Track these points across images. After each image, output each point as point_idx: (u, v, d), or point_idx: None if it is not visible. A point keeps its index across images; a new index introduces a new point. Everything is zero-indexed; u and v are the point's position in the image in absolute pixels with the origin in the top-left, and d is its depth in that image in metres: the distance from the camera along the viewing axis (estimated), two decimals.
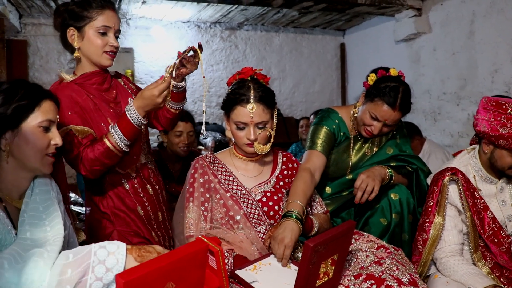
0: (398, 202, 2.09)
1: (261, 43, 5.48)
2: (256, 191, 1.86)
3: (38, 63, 4.53)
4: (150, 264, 1.11)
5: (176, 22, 5.00)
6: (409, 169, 2.24)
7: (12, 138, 1.29)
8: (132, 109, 1.65)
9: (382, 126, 2.07)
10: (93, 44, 1.72)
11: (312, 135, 2.21)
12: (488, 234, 1.85)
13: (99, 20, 1.71)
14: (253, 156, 1.91)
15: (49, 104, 1.36)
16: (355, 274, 1.58)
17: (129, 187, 1.87)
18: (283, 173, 1.95)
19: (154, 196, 1.96)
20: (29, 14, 4.40)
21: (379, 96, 2.04)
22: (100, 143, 1.66)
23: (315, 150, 2.13)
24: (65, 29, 1.74)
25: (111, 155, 1.67)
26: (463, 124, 3.88)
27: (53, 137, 1.36)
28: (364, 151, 2.29)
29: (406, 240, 2.11)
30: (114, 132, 1.66)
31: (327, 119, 2.24)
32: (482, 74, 3.64)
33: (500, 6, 3.43)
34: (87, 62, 1.78)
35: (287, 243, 1.60)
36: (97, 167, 1.68)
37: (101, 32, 1.72)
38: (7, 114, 1.26)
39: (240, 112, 1.77)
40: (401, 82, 2.08)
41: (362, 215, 2.18)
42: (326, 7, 4.11)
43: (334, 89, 5.84)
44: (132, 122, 1.65)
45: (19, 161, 1.32)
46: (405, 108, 2.06)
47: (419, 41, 4.36)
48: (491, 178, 1.95)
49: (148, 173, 1.95)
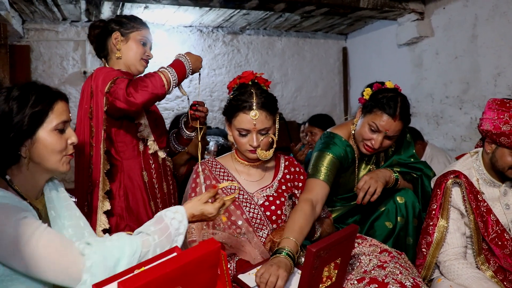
0: (404, 206, 2.08)
1: (263, 47, 5.48)
2: (259, 196, 1.86)
3: (41, 68, 4.54)
4: (156, 270, 1.06)
5: (178, 26, 5.01)
6: (414, 176, 2.22)
7: (31, 145, 1.31)
8: (187, 59, 1.95)
9: (382, 138, 2.00)
10: (135, 49, 2.03)
11: (316, 161, 2.09)
12: (492, 237, 1.84)
13: (143, 32, 2.06)
14: (255, 162, 1.90)
15: (62, 105, 1.38)
16: (358, 278, 1.57)
17: (148, 179, 1.95)
18: (285, 177, 1.95)
19: (167, 195, 2.05)
20: (32, 19, 4.42)
21: (378, 106, 1.99)
22: (152, 73, 1.87)
23: (319, 180, 2.00)
24: (108, 34, 2.02)
25: (159, 83, 1.83)
26: (466, 128, 3.86)
27: (69, 137, 1.40)
28: (370, 166, 2.27)
29: (411, 244, 2.10)
30: (169, 70, 1.90)
31: (334, 146, 2.13)
32: (485, 78, 3.63)
33: (502, 9, 3.42)
34: (123, 64, 2.03)
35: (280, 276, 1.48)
36: (145, 88, 1.80)
37: (142, 42, 2.04)
38: (23, 125, 1.29)
39: (243, 119, 1.76)
40: (399, 93, 2.04)
41: (368, 219, 2.17)
42: (328, 11, 4.11)
43: (337, 93, 5.84)
44: (185, 67, 1.94)
45: (38, 164, 1.35)
46: (405, 117, 2.01)
47: (421, 45, 4.36)
48: (494, 182, 1.95)
49: (166, 170, 2.06)
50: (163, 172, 2.03)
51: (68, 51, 4.63)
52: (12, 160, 1.32)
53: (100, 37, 2.05)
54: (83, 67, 4.70)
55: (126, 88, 1.76)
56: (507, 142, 1.79)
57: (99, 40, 2.06)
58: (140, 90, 1.77)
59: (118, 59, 2.01)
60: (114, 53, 2.01)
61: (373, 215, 2.14)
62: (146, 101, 1.80)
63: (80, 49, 4.68)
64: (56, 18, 4.43)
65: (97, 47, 2.09)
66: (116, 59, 2.02)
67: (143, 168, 1.95)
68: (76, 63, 4.68)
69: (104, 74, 1.85)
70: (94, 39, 2.08)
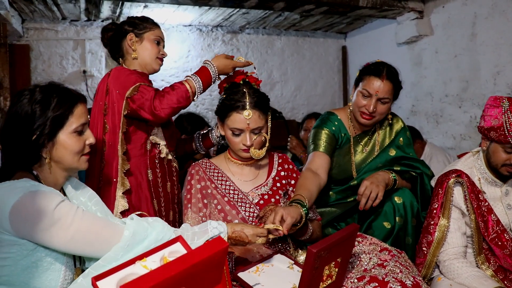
0: (402, 206, 2.08)
1: (262, 46, 5.48)
2: (253, 195, 1.87)
3: (41, 67, 4.54)
4: (163, 272, 1.04)
5: (177, 25, 5.01)
6: (413, 174, 2.23)
7: (51, 147, 1.40)
8: (212, 64, 1.96)
9: (375, 102, 2.09)
10: (150, 49, 2.06)
11: (313, 138, 2.21)
12: (492, 237, 1.84)
13: (156, 31, 2.11)
14: (248, 161, 1.91)
15: (81, 108, 1.46)
16: (358, 277, 1.57)
17: (152, 178, 1.98)
18: (279, 174, 1.95)
19: (171, 194, 2.05)
20: (32, 18, 4.42)
21: (366, 73, 2.14)
22: (177, 84, 1.89)
23: (317, 151, 2.13)
24: (123, 36, 2.06)
25: (186, 96, 1.86)
26: (465, 127, 3.86)
27: (87, 138, 1.48)
28: (366, 151, 2.28)
29: (410, 243, 2.10)
30: (194, 77, 1.92)
31: (327, 122, 2.25)
32: (484, 76, 3.63)
33: (502, 8, 3.42)
34: (138, 64, 2.06)
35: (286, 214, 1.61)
36: (172, 103, 1.84)
37: (156, 41, 2.09)
38: (46, 127, 1.37)
39: (236, 119, 1.78)
40: (386, 63, 2.19)
41: (366, 219, 2.17)
42: (327, 10, 4.11)
43: (336, 92, 5.84)
44: (211, 74, 1.95)
45: (58, 164, 1.43)
46: (393, 78, 2.11)
47: (421, 43, 4.36)
48: (496, 181, 1.95)
49: (171, 171, 2.08)
50: (168, 171, 2.04)
51: (67, 50, 4.63)
52: (34, 160, 1.40)
53: (114, 39, 2.09)
54: (82, 66, 4.69)
55: (153, 101, 1.81)
56: (495, 136, 1.82)
57: (113, 43, 2.10)
58: (166, 104, 1.82)
59: (134, 60, 2.05)
60: (130, 54, 2.05)
61: (371, 216, 2.14)
62: (172, 114, 1.88)
63: (79, 48, 4.68)
64: (55, 17, 4.43)
65: (112, 49, 2.13)
66: (132, 60, 2.06)
67: (148, 167, 1.96)
68: (76, 62, 4.68)
69: (123, 77, 1.91)
70: (108, 42, 2.12)
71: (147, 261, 1.26)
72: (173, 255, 1.29)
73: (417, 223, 2.11)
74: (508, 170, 1.87)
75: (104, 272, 1.19)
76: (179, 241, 1.31)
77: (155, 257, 1.28)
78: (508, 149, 1.83)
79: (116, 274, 1.20)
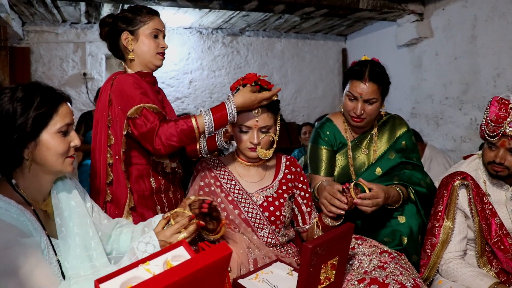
0: (406, 226, 2.04)
1: (263, 49, 5.49)
2: (258, 196, 1.86)
3: (41, 70, 4.55)
4: (165, 278, 1.01)
5: (178, 28, 5.02)
6: (412, 191, 2.14)
7: (34, 147, 1.30)
8: (232, 103, 1.72)
9: (362, 104, 2.05)
10: (148, 46, 1.90)
11: (313, 157, 2.20)
12: (495, 240, 1.84)
13: (151, 24, 1.90)
14: (255, 161, 1.91)
15: (66, 108, 1.37)
16: (358, 279, 1.57)
17: (156, 185, 1.93)
18: (286, 177, 1.95)
19: (173, 200, 2.01)
20: (32, 21, 4.43)
21: (349, 77, 2.09)
22: (184, 121, 1.72)
23: (320, 176, 2.13)
24: (118, 35, 1.90)
25: (191, 135, 1.73)
26: (465, 129, 3.87)
27: (72, 139, 1.38)
28: (366, 153, 2.26)
29: (416, 261, 2.04)
30: (206, 116, 1.73)
31: (321, 135, 2.21)
32: (484, 79, 3.63)
33: (501, 10, 3.43)
34: (139, 64, 1.93)
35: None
36: (174, 142, 1.71)
37: (153, 35, 1.91)
38: (27, 126, 1.27)
39: (245, 116, 1.78)
40: (370, 60, 2.12)
41: (369, 226, 2.13)
42: (327, 12, 4.12)
43: (336, 94, 5.84)
44: (228, 114, 1.72)
45: (41, 166, 1.33)
46: (377, 78, 2.04)
47: (421, 46, 4.37)
48: (501, 183, 1.94)
49: (175, 178, 2.02)
50: (171, 178, 2.02)
51: (68, 53, 4.64)
52: (15, 162, 1.31)
53: (111, 37, 1.95)
54: (82, 68, 4.70)
55: (156, 133, 1.71)
56: (480, 132, 1.86)
57: (111, 40, 1.96)
58: (168, 143, 1.72)
59: (136, 58, 1.94)
60: (128, 54, 1.93)
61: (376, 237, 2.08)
62: (173, 151, 1.80)
63: (79, 51, 4.69)
64: (56, 20, 4.43)
65: (111, 48, 2.00)
66: (131, 60, 1.95)
67: (151, 175, 1.94)
68: (76, 65, 4.68)
69: (126, 93, 1.79)
70: (107, 38, 1.98)
71: (150, 265, 1.24)
72: (176, 259, 1.27)
73: (422, 239, 2.07)
74: (493, 168, 1.85)
75: (107, 275, 1.18)
76: (183, 245, 1.30)
77: (158, 260, 1.26)
78: (492, 147, 1.84)
79: (119, 277, 1.19)
